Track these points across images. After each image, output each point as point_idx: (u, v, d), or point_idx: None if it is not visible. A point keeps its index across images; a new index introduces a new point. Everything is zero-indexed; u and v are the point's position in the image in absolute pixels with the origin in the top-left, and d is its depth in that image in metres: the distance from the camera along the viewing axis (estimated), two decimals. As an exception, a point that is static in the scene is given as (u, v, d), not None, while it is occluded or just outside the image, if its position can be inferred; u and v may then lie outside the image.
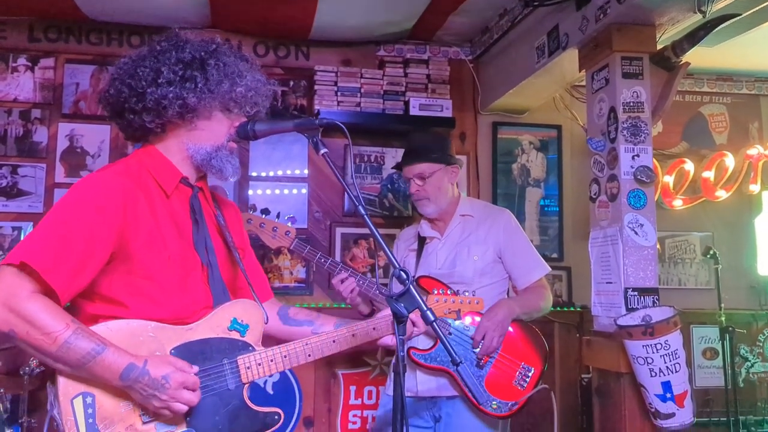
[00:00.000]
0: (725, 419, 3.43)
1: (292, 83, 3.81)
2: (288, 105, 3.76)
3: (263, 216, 2.50)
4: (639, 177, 2.71)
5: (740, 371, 3.79)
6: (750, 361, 3.91)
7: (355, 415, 3.62)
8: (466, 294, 2.09)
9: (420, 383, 2.54)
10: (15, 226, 3.52)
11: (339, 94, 3.69)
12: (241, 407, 1.51)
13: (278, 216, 2.63)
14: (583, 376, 3.66)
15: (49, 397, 1.43)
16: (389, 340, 1.74)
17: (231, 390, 1.51)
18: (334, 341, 1.64)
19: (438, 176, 2.64)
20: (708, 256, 3.60)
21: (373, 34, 3.75)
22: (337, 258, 3.66)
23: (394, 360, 2.37)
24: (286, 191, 3.78)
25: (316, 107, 3.65)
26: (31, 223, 3.52)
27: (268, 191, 3.77)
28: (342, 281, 2.47)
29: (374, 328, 1.70)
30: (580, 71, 3.05)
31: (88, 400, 1.38)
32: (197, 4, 3.38)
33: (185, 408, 1.41)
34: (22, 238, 3.47)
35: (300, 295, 3.70)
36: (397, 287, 1.76)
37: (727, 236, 4.09)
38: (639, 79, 2.76)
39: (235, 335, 1.55)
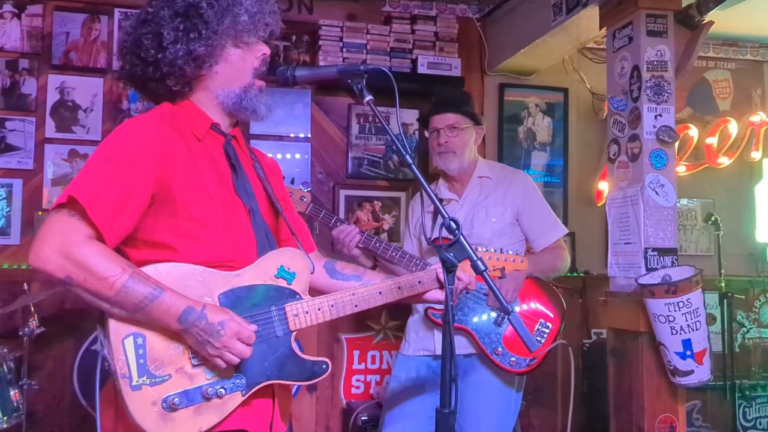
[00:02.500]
0: (722, 383, 3.56)
1: (294, 38, 3.77)
2: (290, 61, 3.72)
3: None
4: (662, 137, 2.76)
5: (737, 336, 3.90)
6: (746, 326, 4.02)
7: (358, 380, 3.67)
8: (510, 252, 2.13)
9: (438, 342, 2.58)
10: (3, 183, 3.43)
11: (344, 50, 3.67)
12: (289, 355, 1.53)
13: (292, 182, 2.63)
14: (584, 341, 3.79)
15: (99, 338, 1.43)
16: (435, 294, 1.74)
17: (279, 337, 1.52)
18: (380, 293, 1.65)
19: (468, 131, 2.68)
20: (710, 222, 3.70)
21: None
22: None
23: (441, 312, 2.44)
24: (288, 153, 3.75)
25: (321, 63, 3.62)
26: (21, 180, 3.44)
27: (273, 155, 3.74)
28: (343, 234, 2.51)
29: (420, 282, 1.70)
30: (600, 29, 3.07)
31: (139, 340, 1.39)
32: None
33: (236, 360, 1.42)
34: (10, 197, 3.40)
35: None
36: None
37: (728, 203, 4.19)
38: (663, 37, 2.79)
39: (282, 283, 1.55)
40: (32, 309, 2.93)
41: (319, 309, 1.57)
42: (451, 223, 1.46)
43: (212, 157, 1.56)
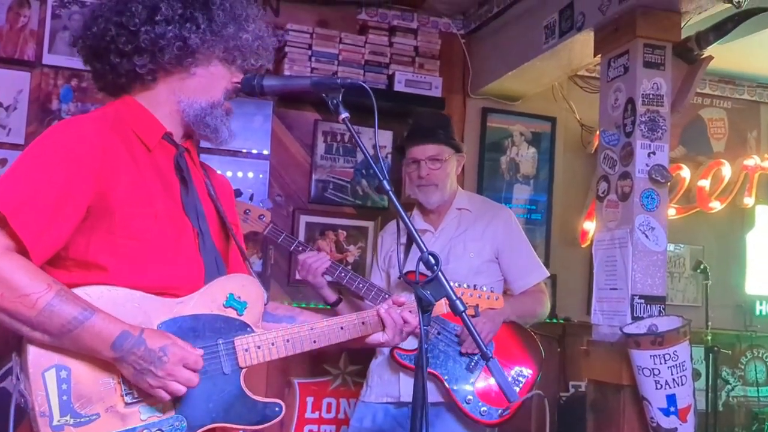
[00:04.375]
0: None
1: (257, 42, 3.71)
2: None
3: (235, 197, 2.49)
4: (654, 176, 2.77)
5: (721, 394, 3.94)
6: (731, 384, 4.10)
7: (311, 430, 3.56)
8: (485, 289, 2.09)
9: (403, 387, 2.55)
10: None
11: (313, 59, 3.62)
12: (238, 395, 1.47)
13: (251, 198, 2.58)
14: (561, 394, 3.76)
15: (14, 370, 1.36)
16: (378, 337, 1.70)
17: (227, 374, 1.46)
18: (342, 328, 1.62)
19: (450, 162, 2.69)
20: (698, 270, 3.74)
21: None
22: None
23: (416, 354, 2.41)
24: (243, 170, 3.64)
25: (286, 72, 3.57)
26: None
27: (225, 172, 3.64)
28: (312, 259, 2.48)
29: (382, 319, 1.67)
30: (595, 56, 3.09)
31: (63, 374, 1.32)
32: None
33: (183, 390, 1.36)
34: None
35: (253, 291, 3.59)
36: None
37: (718, 250, 4.25)
38: (661, 69, 2.82)
39: (232, 313, 1.51)
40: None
41: (273, 344, 1.52)
42: (430, 257, 1.44)
43: (160, 170, 1.52)
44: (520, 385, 2.57)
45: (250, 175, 3.65)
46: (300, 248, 2.55)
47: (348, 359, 3.62)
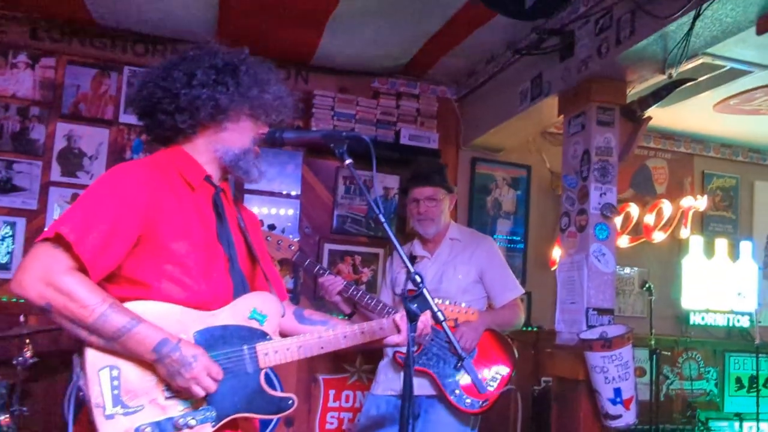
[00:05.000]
0: (648, 427, 3.54)
1: (290, 105, 3.69)
2: (286, 125, 3.63)
3: (270, 230, 2.47)
4: (605, 212, 2.76)
5: (662, 387, 4.02)
6: (671, 378, 4.14)
7: (332, 417, 3.52)
8: (463, 305, 2.09)
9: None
10: (8, 221, 3.19)
11: (335, 118, 3.60)
12: (258, 390, 1.43)
13: (283, 231, 2.58)
14: (534, 387, 3.71)
15: (75, 368, 1.32)
16: (393, 339, 1.64)
17: (249, 374, 1.42)
18: (345, 336, 1.56)
19: (444, 201, 2.66)
20: (644, 288, 3.71)
21: (369, 66, 3.69)
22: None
23: (405, 355, 2.39)
24: (278, 208, 3.61)
25: (313, 128, 3.54)
26: (24, 219, 3.21)
27: (263, 209, 3.60)
28: (328, 282, 2.46)
29: (381, 328, 1.61)
30: (558, 116, 3.07)
31: (114, 372, 1.29)
32: (205, 19, 3.19)
33: (203, 393, 1.32)
34: (14, 234, 3.20)
35: (287, 304, 3.52)
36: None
37: (660, 272, 4.17)
38: (610, 127, 2.80)
39: (255, 324, 1.47)
40: (27, 341, 2.72)
41: (287, 349, 1.48)
42: (416, 276, 1.41)
43: (200, 206, 1.49)
44: (498, 380, 2.51)
45: (287, 211, 3.62)
46: (320, 272, 2.49)
47: (363, 359, 3.56)
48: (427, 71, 3.73)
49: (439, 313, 1.42)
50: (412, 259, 2.71)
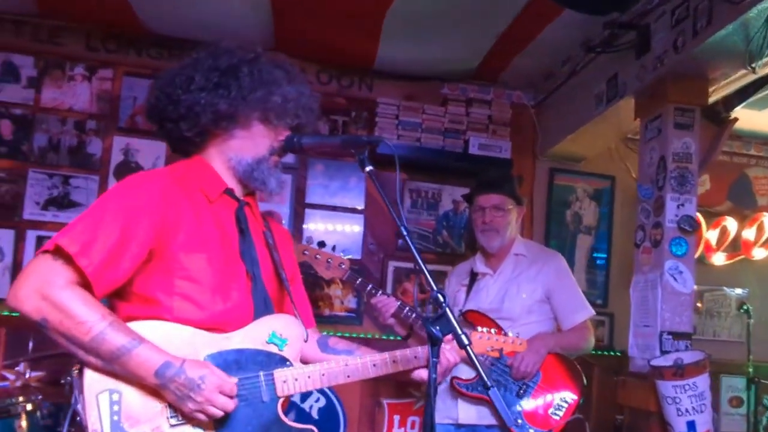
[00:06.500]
0: None
1: (353, 113, 3.51)
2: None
3: (319, 248, 2.34)
4: (682, 225, 2.53)
5: (761, 419, 3.62)
6: None
7: (398, 444, 3.40)
8: (510, 334, 1.88)
9: (461, 411, 2.40)
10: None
11: (400, 127, 3.43)
12: (275, 421, 1.33)
13: (334, 248, 2.40)
14: (617, 416, 3.39)
15: (73, 391, 1.26)
16: (420, 373, 1.52)
17: (265, 402, 1.33)
18: (374, 365, 1.45)
19: (512, 212, 2.52)
20: (741, 310, 3.39)
21: (437, 70, 3.51)
22: (389, 291, 3.28)
23: (470, 382, 2.35)
24: (342, 222, 3.44)
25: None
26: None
27: (326, 225, 3.45)
28: (381, 303, 2.34)
29: (416, 357, 1.50)
30: (635, 120, 2.84)
31: (115, 397, 1.21)
32: (261, 25, 3.05)
33: (220, 413, 1.24)
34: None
35: (350, 325, 3.37)
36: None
37: (761, 293, 3.81)
38: (690, 130, 2.57)
39: (273, 349, 1.37)
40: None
41: (309, 376, 1.39)
42: (438, 295, 1.29)
43: (220, 220, 1.40)
44: (564, 408, 2.33)
45: (351, 227, 3.47)
46: (373, 291, 2.35)
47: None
48: (500, 75, 3.53)
49: (463, 336, 1.28)
50: (473, 276, 2.57)
